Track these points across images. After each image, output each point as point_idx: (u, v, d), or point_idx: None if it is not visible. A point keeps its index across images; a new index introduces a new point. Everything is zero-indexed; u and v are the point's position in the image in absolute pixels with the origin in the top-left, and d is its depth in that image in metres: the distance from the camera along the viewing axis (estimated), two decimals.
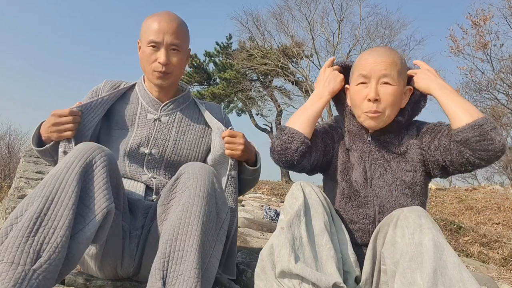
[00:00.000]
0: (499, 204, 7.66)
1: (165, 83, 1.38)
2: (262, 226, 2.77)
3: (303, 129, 1.23)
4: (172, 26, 1.33)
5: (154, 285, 1.00)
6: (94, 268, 1.26)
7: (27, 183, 2.39)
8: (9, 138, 13.18)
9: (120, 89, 1.45)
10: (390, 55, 1.19)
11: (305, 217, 1.08)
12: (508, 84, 10.96)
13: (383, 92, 1.17)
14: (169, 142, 1.41)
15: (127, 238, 1.24)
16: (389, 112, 1.19)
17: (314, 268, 1.00)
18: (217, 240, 1.13)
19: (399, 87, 1.18)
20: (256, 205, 4.11)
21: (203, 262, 1.05)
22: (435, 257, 0.93)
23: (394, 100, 1.18)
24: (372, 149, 1.27)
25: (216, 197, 1.14)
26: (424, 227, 0.98)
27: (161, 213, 1.16)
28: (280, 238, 1.04)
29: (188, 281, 0.98)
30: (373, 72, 1.17)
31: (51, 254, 0.92)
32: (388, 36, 16.43)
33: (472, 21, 11.00)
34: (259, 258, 1.10)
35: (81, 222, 1.00)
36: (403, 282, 0.94)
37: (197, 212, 1.07)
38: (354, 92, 1.23)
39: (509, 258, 3.20)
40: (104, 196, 1.03)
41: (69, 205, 0.97)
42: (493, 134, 1.09)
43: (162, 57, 1.32)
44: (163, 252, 1.03)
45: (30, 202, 0.97)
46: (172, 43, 1.33)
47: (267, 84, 18.86)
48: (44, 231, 0.94)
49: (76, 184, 1.00)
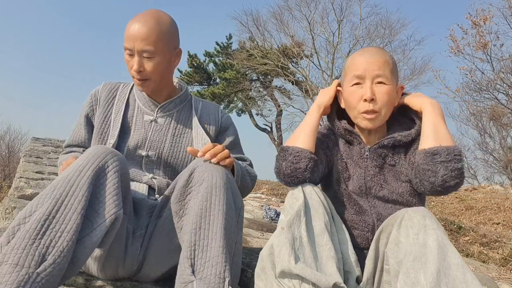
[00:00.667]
0: (499, 204, 7.66)
1: (145, 89, 1.36)
2: (262, 226, 2.77)
3: (306, 145, 1.21)
4: (142, 32, 1.25)
5: (184, 273, 1.04)
6: (95, 269, 1.26)
7: (27, 183, 2.39)
8: (9, 138, 13.18)
9: (120, 97, 1.46)
10: (383, 55, 1.20)
11: (305, 217, 1.08)
12: (508, 84, 10.95)
13: (378, 91, 1.17)
14: (165, 144, 1.39)
15: (130, 239, 1.24)
16: (385, 111, 1.19)
17: (314, 268, 1.00)
18: (237, 228, 1.16)
19: (393, 85, 1.19)
20: (256, 205, 4.11)
21: (230, 248, 1.08)
22: (439, 258, 0.93)
23: (389, 99, 1.18)
24: (369, 164, 1.25)
25: (231, 187, 1.16)
26: (428, 228, 0.98)
27: (178, 210, 1.17)
28: (280, 238, 1.05)
29: (216, 266, 1.02)
30: (367, 72, 1.17)
31: (56, 258, 0.92)
32: (388, 36, 16.43)
33: (472, 21, 10.99)
34: (259, 258, 1.10)
35: (88, 227, 1.00)
36: (406, 282, 0.94)
37: (217, 201, 1.10)
38: (349, 93, 1.22)
39: (509, 258, 3.20)
40: (113, 202, 1.02)
41: (78, 209, 0.97)
42: (440, 167, 1.06)
43: (134, 65, 1.28)
44: (189, 241, 1.06)
45: (39, 203, 0.97)
46: (143, 50, 1.27)
47: (267, 84, 18.85)
48: (51, 234, 0.93)
49: (87, 188, 0.99)
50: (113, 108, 1.43)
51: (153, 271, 1.27)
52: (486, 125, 15.20)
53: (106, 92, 1.45)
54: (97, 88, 1.48)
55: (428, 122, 1.15)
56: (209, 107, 1.54)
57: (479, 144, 15.69)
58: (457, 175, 1.06)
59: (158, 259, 1.25)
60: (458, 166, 1.06)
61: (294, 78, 17.22)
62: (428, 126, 1.14)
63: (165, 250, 1.24)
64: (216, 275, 1.02)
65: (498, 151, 15.12)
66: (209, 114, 1.50)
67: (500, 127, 14.57)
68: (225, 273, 1.03)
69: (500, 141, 14.99)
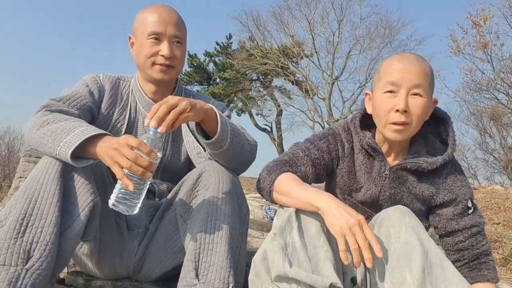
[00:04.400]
0: (499, 204, 7.65)
1: (167, 77, 1.27)
2: (262, 226, 2.77)
3: (276, 201, 1.12)
4: (173, 17, 1.25)
5: (187, 276, 1.04)
6: (92, 267, 1.26)
7: None
8: (9, 138, 13.16)
9: (121, 97, 1.34)
10: (423, 65, 1.08)
11: (297, 221, 1.04)
12: (508, 84, 10.94)
13: (413, 103, 1.06)
14: (166, 151, 1.35)
15: (124, 235, 1.24)
16: (415, 125, 1.09)
17: (310, 272, 0.98)
18: (242, 234, 1.15)
19: (429, 99, 1.09)
20: (256, 205, 4.10)
21: (234, 253, 1.08)
22: (422, 256, 0.93)
23: (422, 113, 1.08)
24: (386, 184, 1.18)
25: (236, 193, 1.16)
26: (408, 226, 0.98)
27: (183, 213, 1.16)
28: (273, 244, 1.02)
29: (221, 271, 1.02)
30: (404, 81, 1.06)
31: (42, 252, 0.94)
32: (388, 36, 16.46)
33: (472, 21, 10.99)
34: (252, 265, 1.06)
35: (68, 219, 1.01)
36: (392, 282, 0.94)
37: (223, 206, 1.10)
38: (381, 100, 1.11)
39: (509, 258, 3.20)
40: (88, 191, 1.03)
41: (54, 202, 0.98)
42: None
43: (165, 49, 1.22)
44: (194, 244, 1.06)
45: (13, 205, 0.98)
46: (175, 35, 1.25)
47: (267, 84, 18.86)
48: (32, 231, 0.95)
49: (58, 182, 1.00)
50: (115, 109, 1.32)
51: (154, 271, 1.27)
52: (486, 125, 15.18)
53: (109, 86, 1.32)
54: (97, 77, 1.32)
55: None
56: (201, 98, 1.37)
57: (479, 144, 15.68)
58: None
59: (159, 260, 1.25)
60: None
61: (294, 78, 17.23)
62: None
63: (166, 251, 1.24)
64: (220, 280, 1.02)
65: (499, 151, 15.11)
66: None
67: (500, 127, 14.55)
68: (229, 278, 1.03)
69: (500, 141, 14.97)
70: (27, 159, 2.88)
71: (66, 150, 0.98)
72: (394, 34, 16.47)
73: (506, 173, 14.52)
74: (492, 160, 15.54)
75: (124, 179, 0.90)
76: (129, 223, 1.27)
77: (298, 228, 1.03)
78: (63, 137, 1.00)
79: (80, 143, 0.97)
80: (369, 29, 16.69)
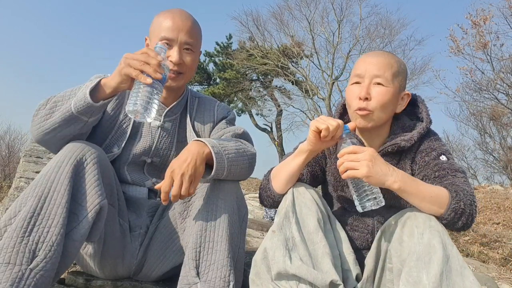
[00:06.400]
0: (499, 204, 7.65)
1: (175, 84, 1.27)
2: (262, 226, 2.78)
3: (280, 189, 1.19)
4: (187, 24, 1.25)
5: (188, 274, 1.05)
6: (94, 267, 1.26)
7: (27, 183, 2.39)
8: (9, 138, 13.18)
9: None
10: (387, 57, 1.19)
11: (294, 217, 1.08)
12: (508, 84, 10.95)
13: (374, 91, 1.16)
14: (171, 152, 1.35)
15: (127, 236, 1.24)
16: (379, 113, 1.16)
17: (311, 266, 1.00)
18: (241, 233, 1.16)
19: (393, 89, 1.16)
20: (256, 205, 4.10)
21: (234, 252, 1.10)
22: (443, 260, 0.93)
23: (385, 101, 1.15)
24: None
25: (236, 192, 1.17)
26: (433, 229, 0.98)
27: (182, 211, 1.18)
28: (273, 241, 1.04)
29: (222, 270, 1.03)
30: (366, 72, 1.17)
31: (47, 253, 0.94)
32: (388, 36, 16.45)
33: (472, 21, 10.99)
34: (252, 264, 1.08)
35: (74, 220, 1.01)
36: (408, 280, 0.94)
37: (222, 206, 1.11)
38: (348, 91, 1.22)
39: (509, 258, 3.20)
40: (96, 193, 1.03)
41: (62, 203, 0.98)
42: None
43: (175, 55, 1.23)
44: (194, 242, 1.07)
45: (23, 203, 0.98)
46: (186, 42, 1.25)
47: (267, 84, 18.87)
48: (38, 230, 0.95)
49: (68, 182, 1.00)
50: (121, 110, 1.31)
51: (154, 271, 1.27)
52: (486, 125, 15.19)
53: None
54: (106, 76, 1.26)
55: (413, 200, 1.04)
56: (205, 103, 1.44)
57: (479, 144, 15.70)
58: (468, 220, 1.03)
59: (159, 259, 1.25)
60: (465, 211, 1.02)
61: (294, 78, 17.23)
62: (418, 205, 1.04)
63: (166, 251, 1.24)
64: (221, 279, 1.03)
65: (498, 151, 15.12)
66: (205, 111, 1.41)
67: (500, 127, 14.56)
68: (229, 276, 1.04)
69: (500, 141, 14.98)
70: (27, 159, 2.88)
71: (84, 91, 1.07)
72: (394, 34, 16.48)
73: (505, 173, 14.53)
74: (491, 160, 15.56)
75: (140, 75, 1.00)
76: (131, 224, 1.27)
77: (296, 223, 1.07)
78: (75, 92, 1.10)
79: (96, 84, 1.07)
80: (369, 29, 16.71)
